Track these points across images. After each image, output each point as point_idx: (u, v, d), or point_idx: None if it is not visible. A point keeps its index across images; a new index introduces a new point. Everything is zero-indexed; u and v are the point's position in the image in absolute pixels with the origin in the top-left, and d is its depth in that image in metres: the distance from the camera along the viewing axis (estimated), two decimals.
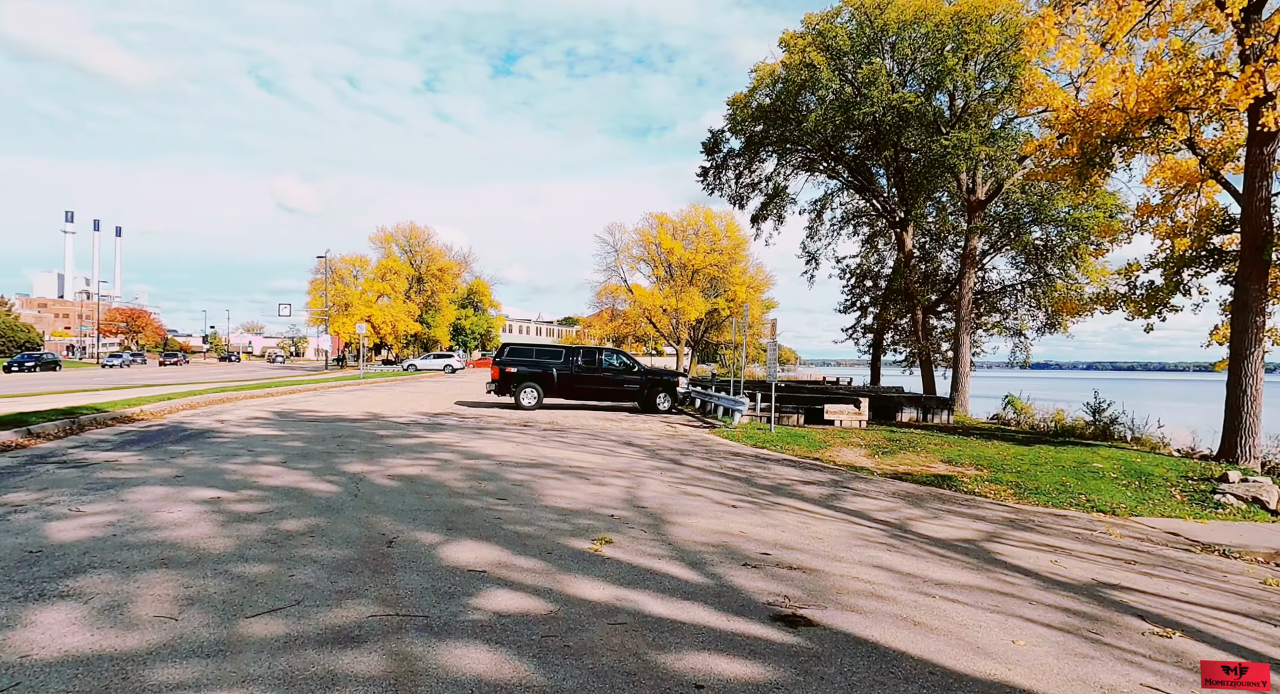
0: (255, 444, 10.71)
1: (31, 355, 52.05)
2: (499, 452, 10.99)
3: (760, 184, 28.68)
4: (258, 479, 7.78)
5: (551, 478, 8.80)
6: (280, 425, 13.55)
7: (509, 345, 19.84)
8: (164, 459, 8.95)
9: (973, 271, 25.41)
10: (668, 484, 8.86)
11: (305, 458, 9.48)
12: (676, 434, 14.99)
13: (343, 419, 15.33)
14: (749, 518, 7.11)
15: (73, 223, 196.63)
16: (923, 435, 16.83)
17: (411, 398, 23.27)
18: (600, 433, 14.60)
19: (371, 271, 72.38)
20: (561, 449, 11.72)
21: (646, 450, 12.15)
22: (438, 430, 13.70)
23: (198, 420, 14.02)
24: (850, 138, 26.05)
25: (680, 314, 57.32)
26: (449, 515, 6.40)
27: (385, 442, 11.65)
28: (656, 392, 19.75)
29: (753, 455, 12.38)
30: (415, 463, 9.44)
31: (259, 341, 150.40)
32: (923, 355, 27.00)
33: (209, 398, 17.94)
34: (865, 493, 9.47)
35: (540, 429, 14.80)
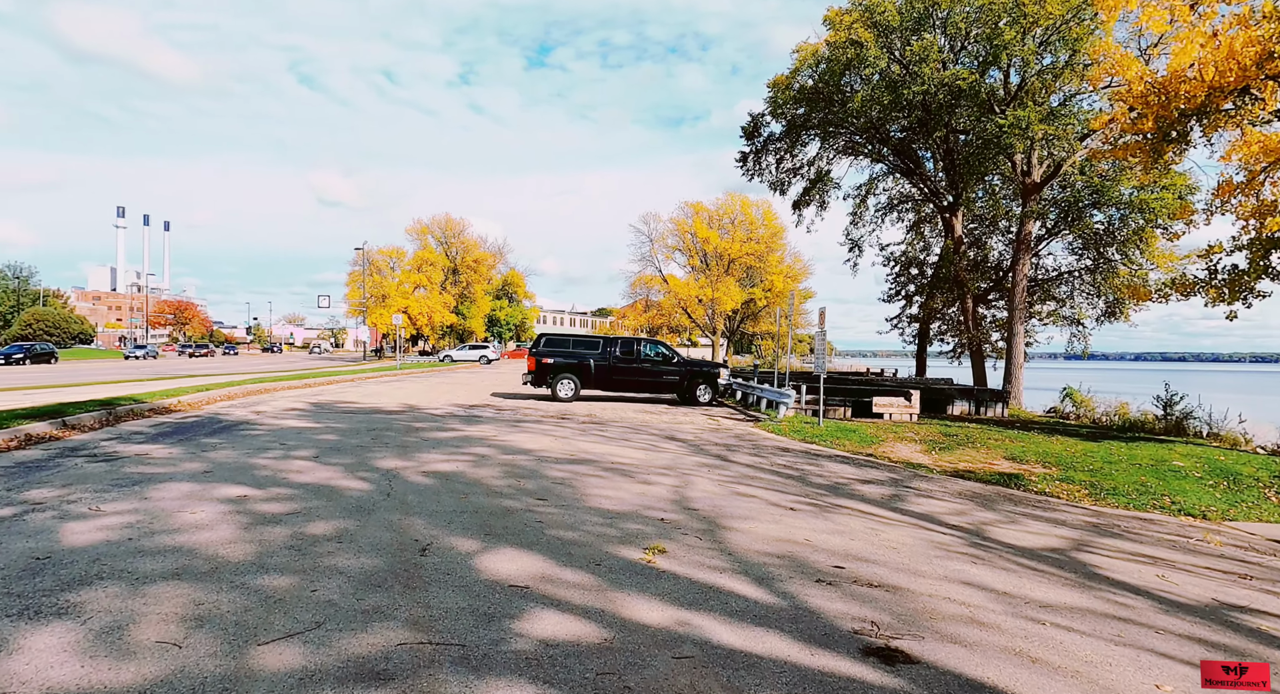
0: (288, 437, 10.41)
1: (21, 346, 47.48)
2: (537, 446, 10.53)
3: (802, 169, 27.73)
4: (288, 475, 7.42)
5: (594, 476, 8.29)
6: (315, 417, 13.31)
7: (545, 336, 19.41)
8: (195, 453, 8.67)
9: (1027, 258, 24.17)
10: (717, 483, 8.28)
11: (338, 452, 9.12)
12: (720, 428, 14.38)
13: (378, 411, 15.07)
14: (811, 522, 6.49)
15: (124, 218, 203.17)
16: (979, 430, 15.94)
17: (447, 389, 23.05)
18: (640, 426, 14.07)
19: (408, 263, 72.99)
20: (602, 443, 11.21)
21: (690, 445, 11.57)
22: (474, 423, 13.32)
23: (234, 412, 13.86)
24: (896, 119, 24.92)
25: (716, 304, 56.46)
26: (486, 518, 5.91)
27: (420, 435, 11.28)
28: (696, 383, 19.13)
29: (802, 451, 11.71)
30: (451, 458, 9.01)
31: (300, 333, 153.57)
32: (973, 346, 25.86)
33: (247, 389, 17.88)
34: (929, 493, 8.77)
35: (579, 422, 14.33)
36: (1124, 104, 16.31)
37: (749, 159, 28.02)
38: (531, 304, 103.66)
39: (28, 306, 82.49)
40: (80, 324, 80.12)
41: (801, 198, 27.57)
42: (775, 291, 58.76)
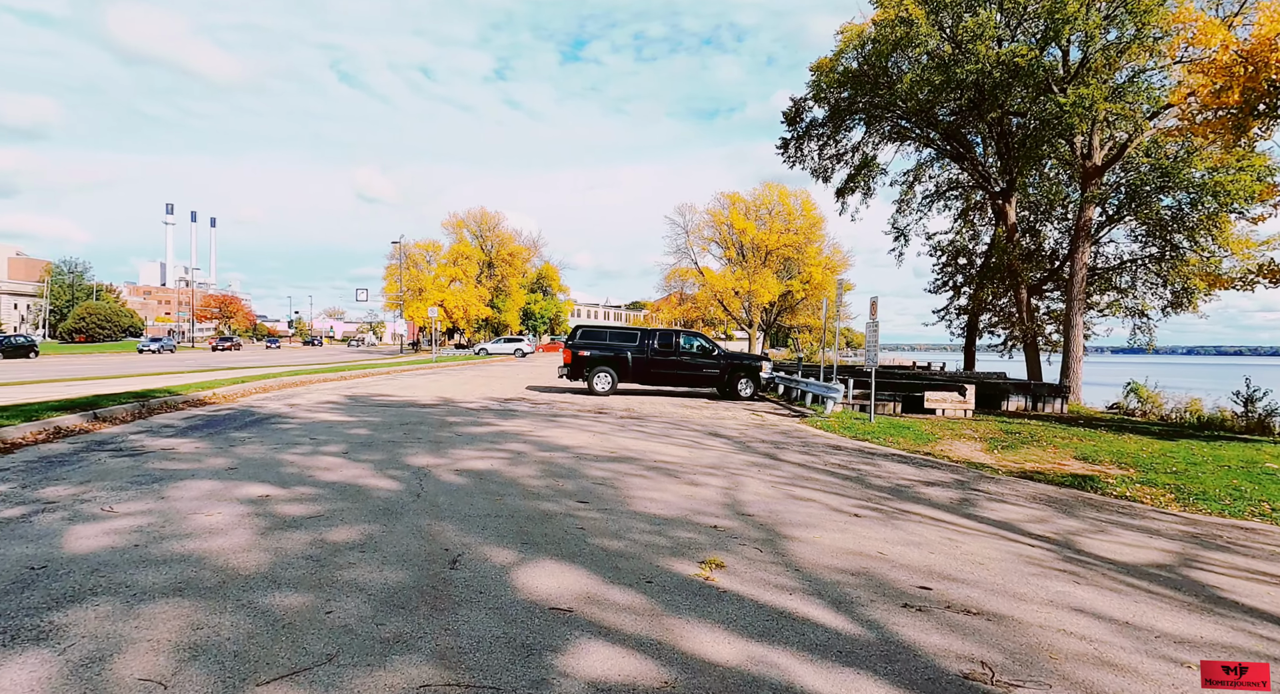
0: (319, 431, 10.07)
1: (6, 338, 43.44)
2: (575, 442, 10.02)
3: (845, 155, 26.73)
4: (315, 473, 7.01)
5: (637, 475, 7.73)
6: (349, 411, 13.02)
7: (581, 327, 18.92)
8: (222, 448, 8.35)
9: (1087, 245, 22.88)
10: (770, 485, 7.65)
11: (369, 448, 8.73)
12: (765, 424, 13.71)
13: (413, 404, 14.75)
14: (880, 531, 5.83)
15: (172, 215, 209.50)
16: (1041, 427, 14.99)
17: (482, 382, 22.76)
18: (681, 422, 13.48)
19: (444, 256, 73.39)
20: (643, 440, 10.65)
21: (736, 442, 10.94)
22: (509, 417, 12.88)
23: (268, 404, 13.66)
24: (947, 102, 23.78)
25: (753, 297, 55.48)
26: (523, 524, 5.39)
27: (454, 430, 10.86)
28: (738, 377, 18.44)
29: (856, 449, 10.99)
30: (486, 455, 8.55)
31: (340, 327, 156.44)
32: (1026, 338, 24.64)
33: (282, 381, 17.77)
34: (1001, 497, 8.01)
35: (617, 417, 13.80)
36: (1204, 77, 15.10)
37: (790, 145, 27.11)
38: (566, 298, 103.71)
39: (82, 301, 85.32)
40: (130, 318, 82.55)
41: (845, 185, 26.57)
42: (814, 283, 57.54)
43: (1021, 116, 23.77)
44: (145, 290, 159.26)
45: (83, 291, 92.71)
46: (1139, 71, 21.01)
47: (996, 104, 22.57)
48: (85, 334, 76.52)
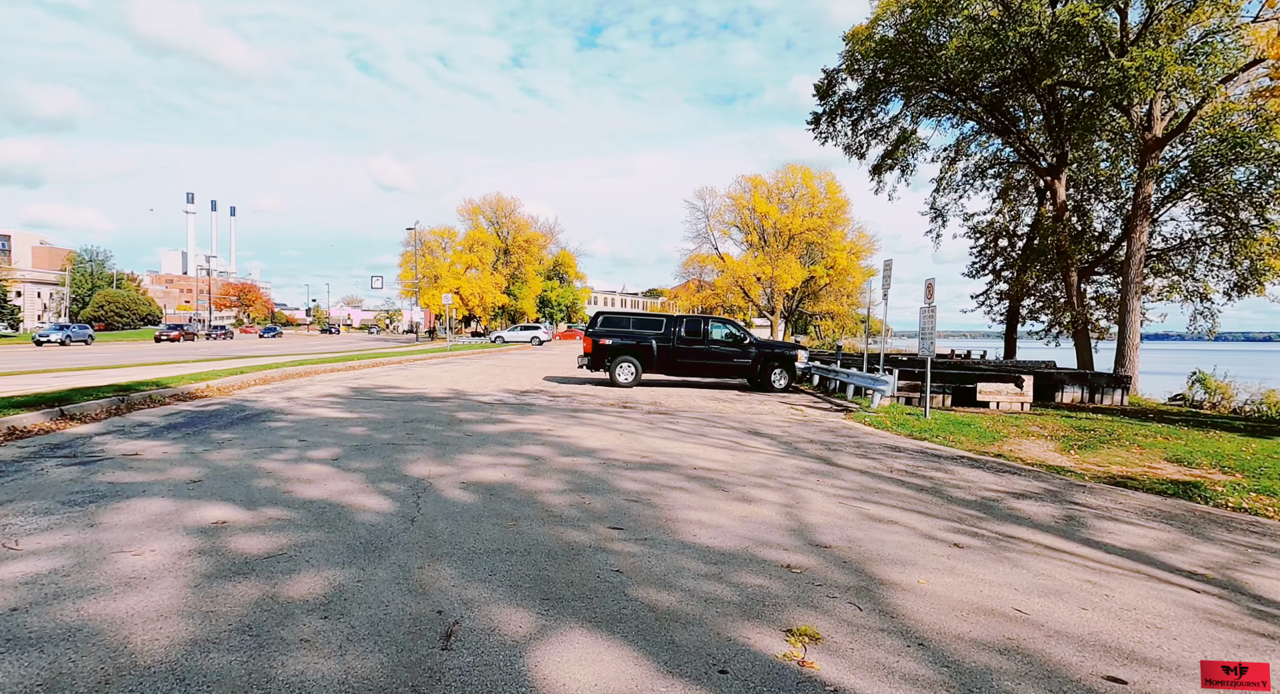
0: (312, 431, 8.93)
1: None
2: (601, 444, 8.79)
3: (881, 130, 25.09)
4: (293, 488, 5.84)
5: (677, 487, 6.49)
6: (351, 405, 11.89)
7: (603, 314, 17.65)
8: (194, 453, 7.22)
9: (1145, 224, 21.19)
10: (836, 500, 6.37)
11: (364, 453, 7.56)
12: (807, 420, 12.41)
13: (422, 397, 13.61)
14: (998, 571, 4.55)
15: (193, 204, 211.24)
16: (1112, 422, 13.56)
17: (498, 372, 21.62)
18: (715, 417, 12.21)
19: (459, 243, 72.39)
20: (676, 441, 9.40)
21: (781, 443, 9.66)
22: (526, 413, 11.69)
23: (265, 398, 12.58)
24: (993, 70, 22.08)
25: (775, 283, 53.89)
26: (544, 564, 4.17)
27: (465, 428, 9.68)
28: (772, 367, 17.10)
29: (917, 451, 9.67)
30: (499, 461, 7.34)
31: (357, 315, 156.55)
32: (1077, 325, 23.02)
33: (285, 372, 16.71)
34: (1108, 513, 6.69)
35: (643, 412, 12.56)
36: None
37: (821, 120, 25.51)
38: (582, 285, 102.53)
39: (103, 289, 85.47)
40: (148, 306, 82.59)
41: (882, 162, 24.95)
42: (838, 269, 55.86)
43: (1073, 86, 22.06)
44: (168, 279, 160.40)
45: (104, 280, 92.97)
46: (1209, 33, 19.24)
47: (1049, 71, 20.87)
48: (104, 322, 76.61)
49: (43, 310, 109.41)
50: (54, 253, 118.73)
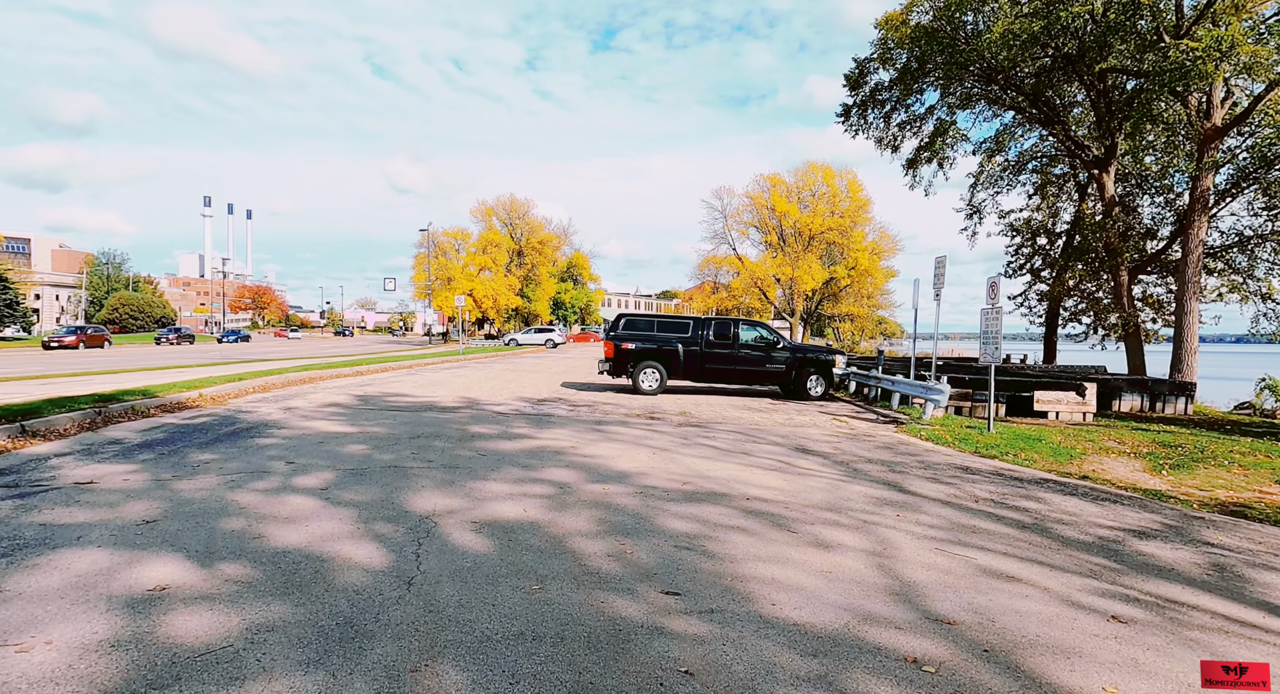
0: (305, 450, 7.85)
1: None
2: (633, 465, 7.64)
3: (916, 122, 23.77)
4: (267, 531, 4.74)
5: (733, 526, 5.34)
6: (353, 417, 10.82)
7: (625, 317, 16.50)
8: (161, 482, 6.14)
9: (1203, 219, 19.76)
10: (930, 543, 5.19)
11: (361, 479, 6.46)
12: (856, 433, 11.19)
13: (432, 407, 12.54)
14: (1192, 662, 3.36)
15: (209, 207, 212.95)
16: (1195, 436, 12.26)
17: (513, 377, 20.54)
18: (753, 430, 11.03)
19: (473, 245, 71.63)
20: (717, 460, 8.24)
21: (836, 463, 8.47)
22: (546, 425, 10.57)
23: (261, 408, 11.54)
24: (1039, 56, 20.78)
25: (795, 284, 52.53)
26: (583, 661, 3.03)
27: (478, 446, 8.57)
28: (807, 374, 15.86)
29: (992, 472, 8.44)
30: (517, 490, 6.22)
31: (371, 317, 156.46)
32: (1128, 327, 21.59)
33: (287, 378, 15.70)
34: (1255, 558, 5.50)
35: (674, 424, 11.40)
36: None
37: (852, 112, 24.25)
38: (596, 287, 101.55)
39: (119, 291, 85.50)
40: (163, 308, 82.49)
41: (918, 155, 23.61)
42: (859, 269, 54.45)
43: (1121, 73, 20.68)
44: (185, 282, 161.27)
45: (120, 283, 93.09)
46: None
47: (1102, 55, 19.52)
48: (119, 325, 76.49)
49: (60, 313, 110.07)
50: (73, 256, 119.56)
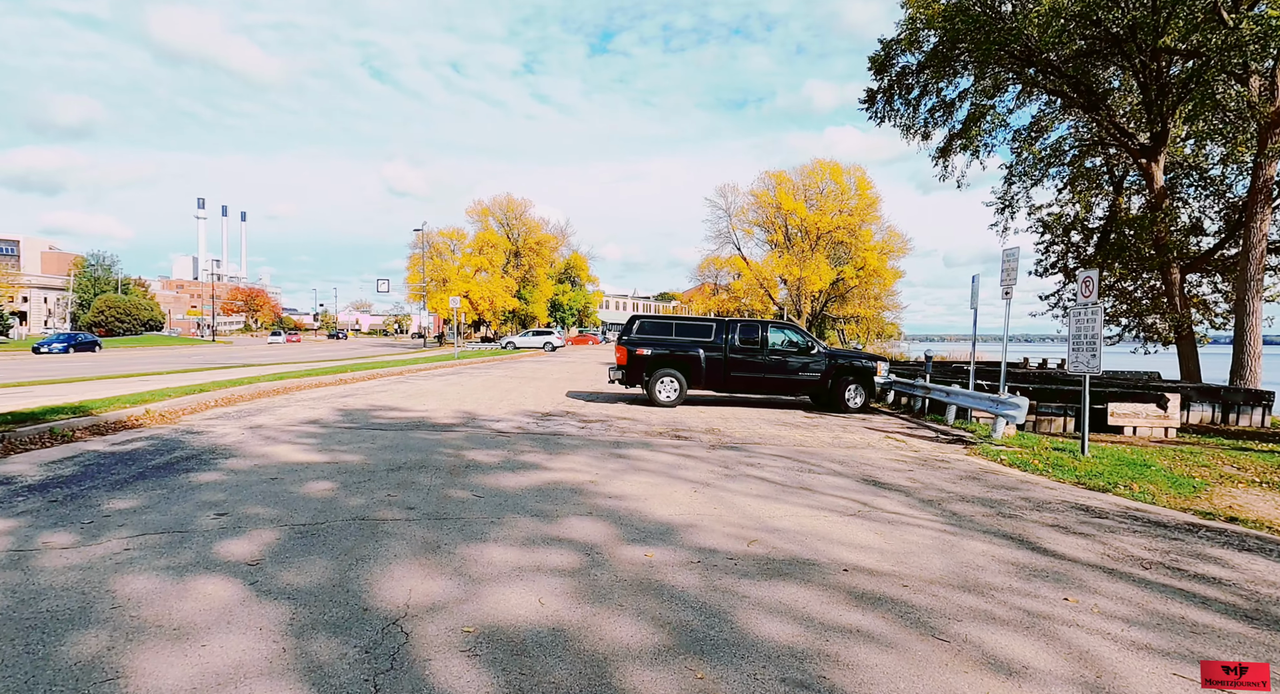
0: (252, 491, 6.08)
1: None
2: (677, 511, 5.89)
3: (945, 108, 22.05)
4: (128, 668, 2.98)
5: (852, 631, 3.59)
6: (325, 441, 9.04)
7: (639, 319, 14.74)
8: (20, 554, 4.37)
9: (1267, 211, 18.12)
10: (1151, 657, 3.44)
11: (311, 545, 4.70)
12: (923, 456, 9.45)
13: (422, 424, 10.79)
14: None
15: (203, 209, 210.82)
16: None
17: (513, 386, 18.75)
18: (801, 454, 9.28)
19: (469, 245, 69.77)
20: (776, 500, 6.49)
21: (925, 502, 6.73)
22: (556, 449, 8.81)
23: (218, 427, 9.76)
24: (1083, 37, 19.13)
25: (803, 284, 50.78)
26: None
27: (475, 482, 6.81)
28: (845, 383, 14.09)
29: (1122, 514, 6.69)
30: (529, 564, 4.46)
31: (366, 320, 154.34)
32: (1181, 330, 19.92)
33: (259, 388, 13.90)
34: None
35: (705, 445, 9.65)
36: None
37: (877, 98, 22.55)
38: (595, 288, 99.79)
39: (105, 294, 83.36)
40: (150, 311, 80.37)
41: (950, 143, 21.88)
42: (868, 269, 52.76)
43: (1174, 53, 19.03)
44: (178, 284, 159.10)
45: (109, 285, 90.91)
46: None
47: (1159, 32, 17.86)
48: (105, 328, 74.36)
49: (48, 316, 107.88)
50: (63, 258, 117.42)
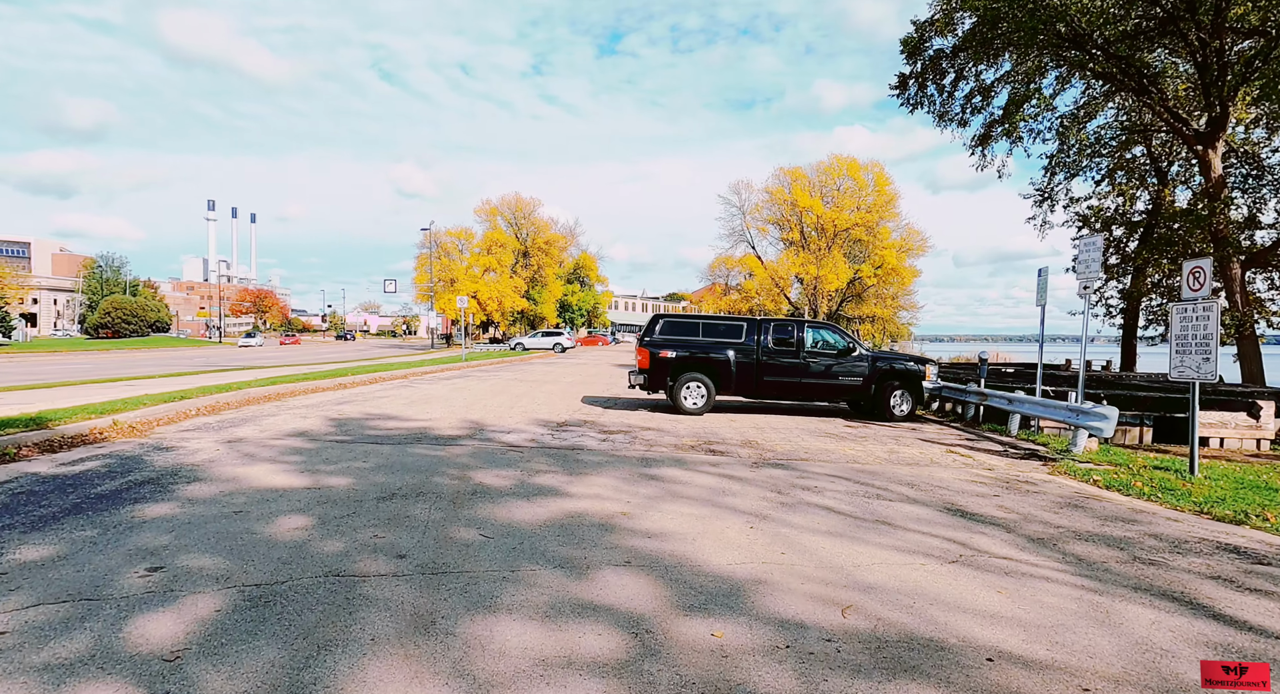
0: (204, 533, 4.88)
1: None
2: (737, 560, 4.65)
3: (983, 93, 20.68)
4: None
5: None
6: (311, 459, 7.84)
7: (664, 318, 13.48)
8: None
9: None
10: None
11: (263, 620, 3.48)
12: (999, 476, 8.15)
13: (424, 436, 9.59)
14: None
15: (213, 211, 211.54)
16: None
17: (524, 391, 17.54)
18: (859, 473, 8.01)
19: (477, 245, 68.73)
20: (855, 541, 5.23)
21: (1035, 542, 5.45)
22: (577, 469, 7.57)
23: (191, 442, 8.59)
24: (1138, 14, 17.77)
25: (820, 283, 49.36)
26: None
27: (482, 515, 5.58)
28: (890, 388, 12.79)
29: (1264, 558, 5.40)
30: (555, 651, 3.22)
31: (374, 321, 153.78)
32: (1243, 329, 18.51)
33: (249, 394, 12.74)
34: None
35: (746, 463, 8.39)
36: None
37: (909, 84, 21.21)
38: (604, 289, 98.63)
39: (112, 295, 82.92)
40: (157, 313, 79.81)
41: (990, 130, 20.49)
42: (886, 268, 51.28)
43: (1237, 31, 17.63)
44: (189, 286, 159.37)
45: (118, 287, 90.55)
46: None
47: (1214, 8, 16.50)
48: (112, 329, 73.82)
49: (57, 318, 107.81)
50: (72, 260, 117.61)
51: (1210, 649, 3.57)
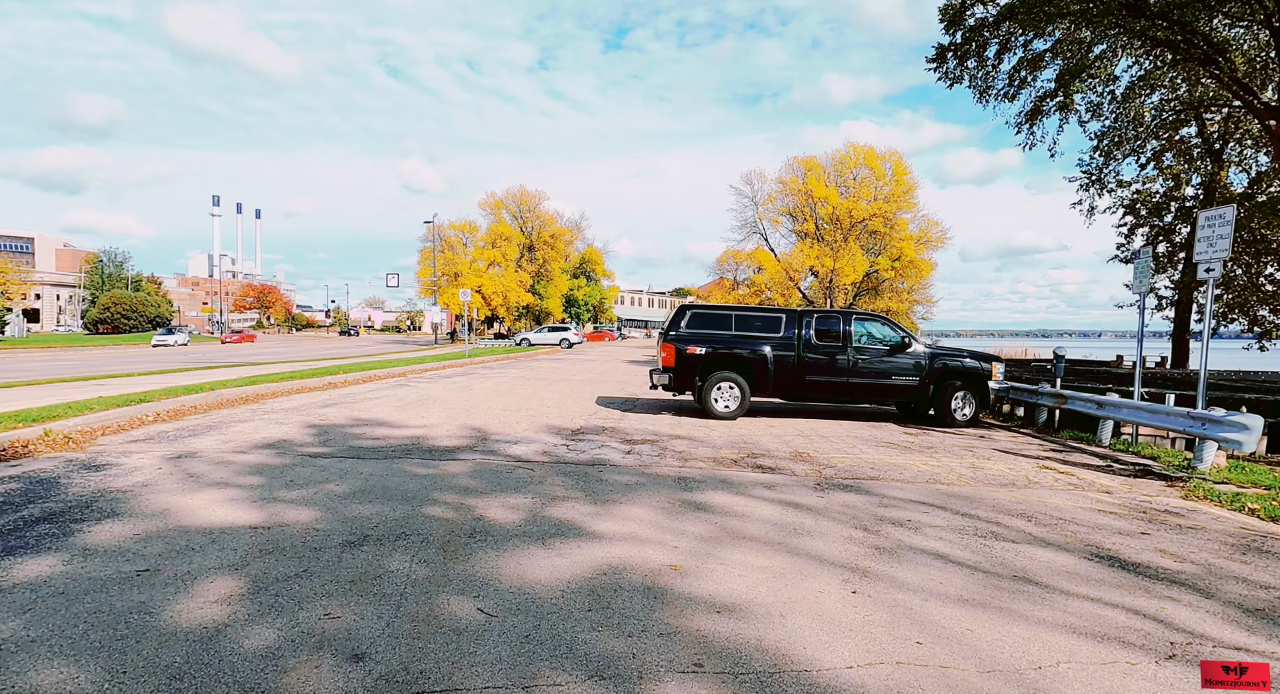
0: (69, 618, 3.36)
1: None
2: (850, 650, 3.09)
3: (1032, 64, 18.96)
4: None
5: None
6: (273, 481, 6.33)
7: (690, 310, 11.92)
8: None
9: None
10: None
11: None
12: (1128, 503, 6.59)
13: (417, 447, 8.07)
14: None
15: (219, 207, 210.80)
16: None
17: (531, 390, 16.01)
18: (949, 499, 6.45)
19: (481, 239, 67.21)
20: (1007, 617, 3.67)
21: (1259, 616, 3.89)
22: (604, 495, 6.03)
23: (132, 456, 7.08)
24: None
25: (837, 276, 47.67)
26: None
27: (483, 571, 4.04)
28: (952, 389, 11.20)
29: None
30: None
31: (379, 316, 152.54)
32: None
33: (222, 396, 11.23)
34: None
35: (806, 484, 6.84)
36: None
37: (948, 57, 19.53)
38: (610, 283, 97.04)
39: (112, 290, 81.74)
40: (157, 308, 78.59)
41: (1040, 104, 18.76)
42: (904, 260, 49.50)
43: None
44: (194, 281, 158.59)
45: (120, 282, 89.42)
46: None
47: None
48: (111, 325, 72.63)
49: (60, 313, 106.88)
50: (76, 255, 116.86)
51: None
